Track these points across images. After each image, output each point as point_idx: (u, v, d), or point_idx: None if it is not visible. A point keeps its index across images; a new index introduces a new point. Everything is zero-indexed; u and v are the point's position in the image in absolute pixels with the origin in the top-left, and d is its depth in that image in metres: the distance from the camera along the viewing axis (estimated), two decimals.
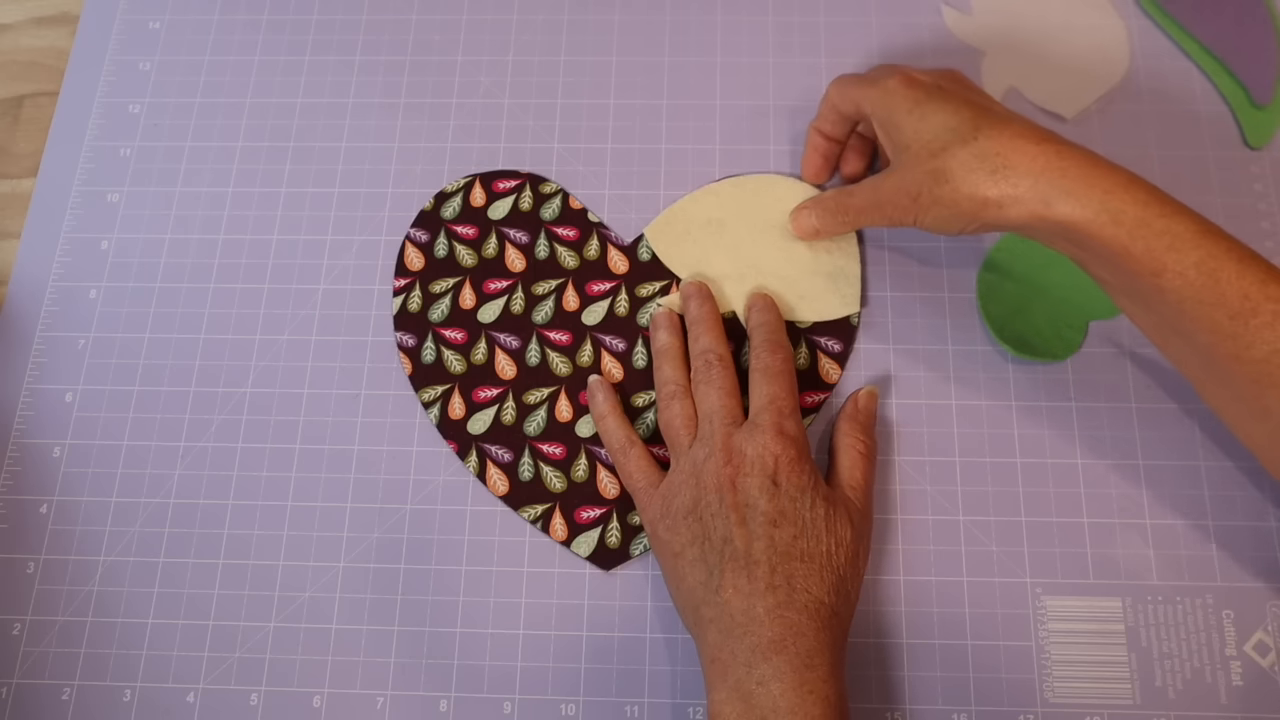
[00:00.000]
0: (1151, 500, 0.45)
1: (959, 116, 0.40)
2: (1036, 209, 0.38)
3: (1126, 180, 0.37)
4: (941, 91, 0.41)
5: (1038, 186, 0.38)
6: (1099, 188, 0.37)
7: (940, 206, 0.40)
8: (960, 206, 0.39)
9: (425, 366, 0.48)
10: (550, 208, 0.51)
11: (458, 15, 0.55)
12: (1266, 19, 0.52)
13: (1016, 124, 0.39)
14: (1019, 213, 0.38)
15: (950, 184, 0.39)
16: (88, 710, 0.44)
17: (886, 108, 0.42)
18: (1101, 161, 0.38)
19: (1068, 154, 0.38)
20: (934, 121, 0.40)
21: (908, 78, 0.42)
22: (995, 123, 0.39)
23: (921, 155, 0.40)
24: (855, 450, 0.44)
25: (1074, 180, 0.37)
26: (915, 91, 0.42)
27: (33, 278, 0.51)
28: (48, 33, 0.57)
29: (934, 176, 0.40)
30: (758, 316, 0.46)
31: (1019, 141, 0.38)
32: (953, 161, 0.39)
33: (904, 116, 0.41)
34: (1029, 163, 0.38)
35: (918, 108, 0.41)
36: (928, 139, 0.40)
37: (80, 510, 0.47)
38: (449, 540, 0.46)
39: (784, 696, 0.36)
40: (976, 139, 0.39)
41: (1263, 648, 0.43)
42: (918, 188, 0.40)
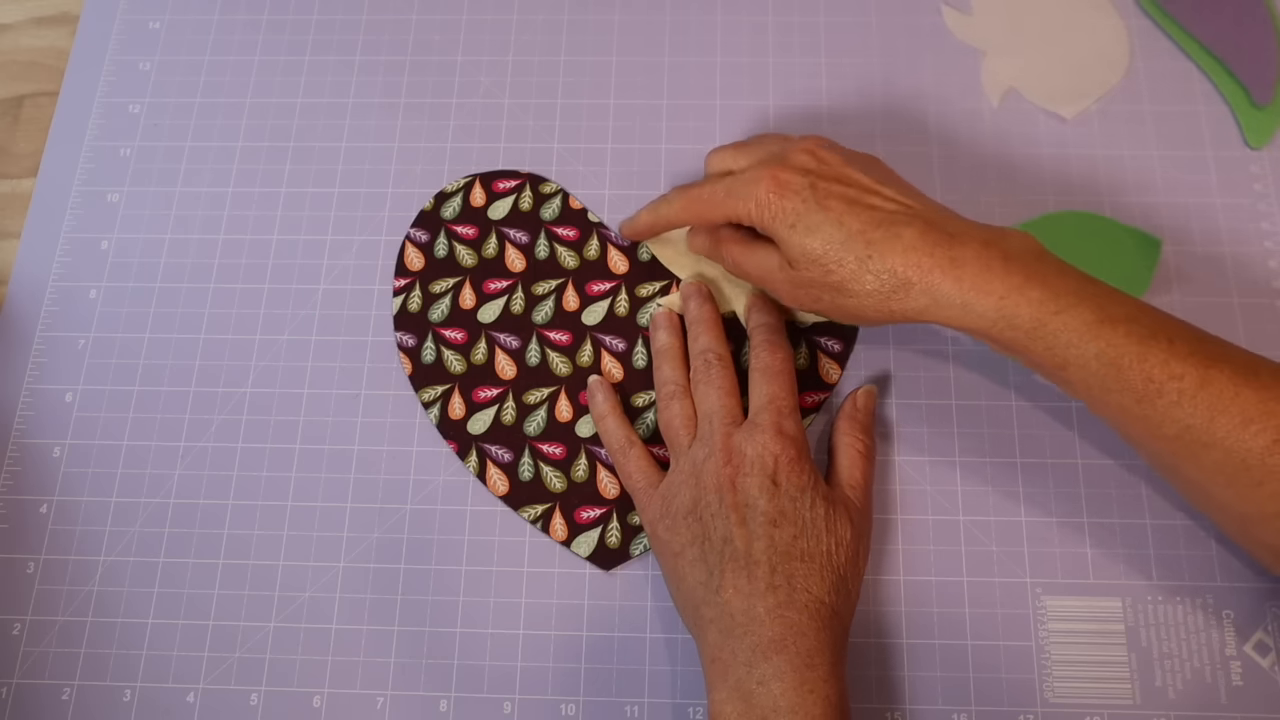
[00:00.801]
0: (1151, 500, 0.45)
1: (845, 230, 0.39)
2: (938, 318, 0.38)
3: (1022, 279, 0.37)
4: (816, 194, 0.40)
5: (935, 301, 0.38)
6: (993, 294, 0.37)
7: (844, 311, 0.41)
8: (866, 315, 0.40)
9: (425, 366, 0.48)
10: (550, 208, 0.51)
11: (458, 15, 0.55)
12: (1266, 19, 0.52)
13: (906, 231, 0.38)
14: (923, 319, 0.39)
15: (853, 298, 0.39)
16: (88, 710, 0.44)
17: (763, 221, 0.41)
18: (995, 259, 0.38)
19: (961, 259, 0.38)
20: (820, 237, 0.39)
21: (777, 183, 0.41)
22: (885, 235, 0.38)
23: (814, 270, 0.40)
24: (854, 449, 0.44)
25: (967, 290, 0.37)
26: (791, 201, 0.40)
27: (33, 278, 0.51)
28: (48, 33, 0.57)
29: (835, 290, 0.40)
30: (757, 317, 0.46)
31: (911, 255, 0.38)
32: (850, 280, 0.39)
33: (786, 232, 0.40)
34: (923, 277, 0.38)
35: (800, 222, 0.40)
36: (817, 256, 0.39)
37: (80, 510, 0.47)
38: (449, 540, 0.46)
39: (784, 696, 0.36)
40: (870, 257, 0.39)
41: (1263, 648, 0.43)
42: (818, 294, 0.41)
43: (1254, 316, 0.47)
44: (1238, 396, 0.35)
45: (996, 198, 0.50)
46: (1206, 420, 0.35)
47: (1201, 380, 0.35)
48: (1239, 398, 0.35)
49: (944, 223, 0.39)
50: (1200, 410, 0.35)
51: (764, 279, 0.43)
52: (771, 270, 0.42)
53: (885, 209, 0.40)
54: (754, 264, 0.43)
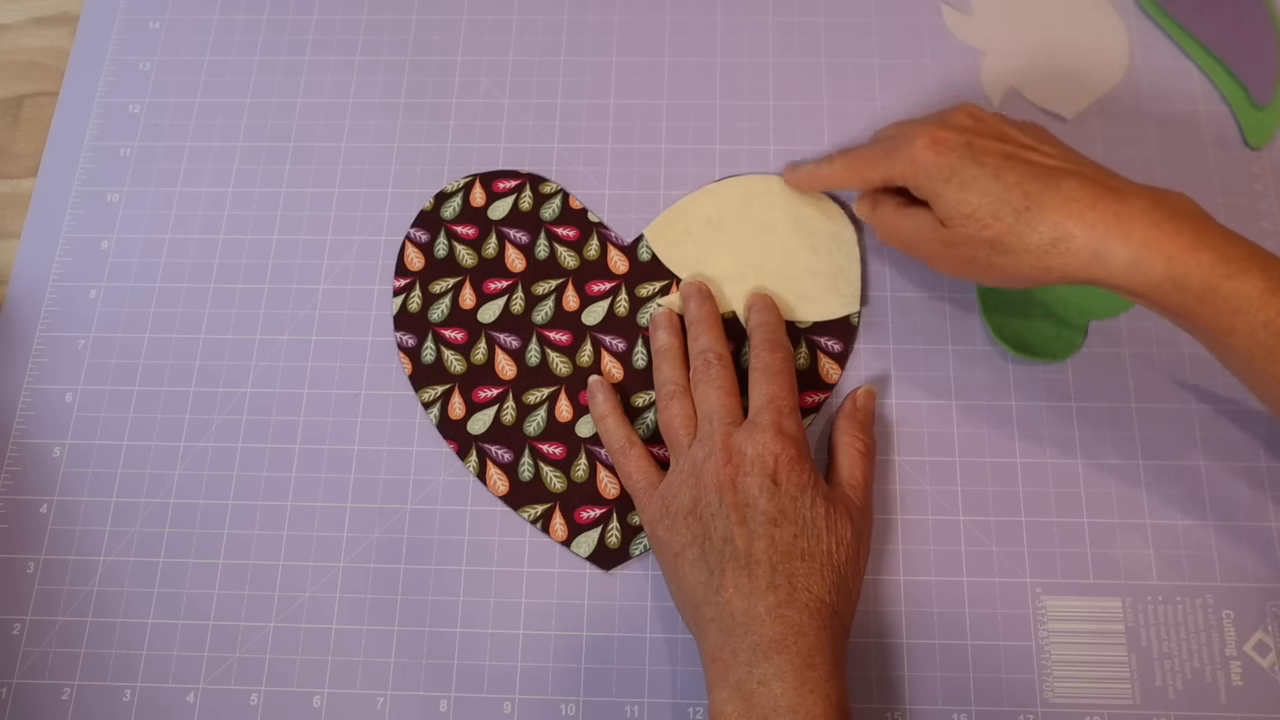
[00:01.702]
0: (1151, 500, 0.45)
1: (1002, 182, 0.38)
2: (1100, 275, 0.37)
3: (1191, 241, 0.36)
4: (973, 151, 0.39)
5: (1099, 256, 0.37)
6: (1162, 254, 0.36)
7: (999, 271, 0.40)
8: (1022, 273, 0.39)
9: (425, 366, 0.48)
10: (550, 208, 0.51)
11: (458, 15, 0.55)
12: (1266, 19, 0.52)
13: (1066, 182, 0.38)
14: (1083, 277, 0.38)
15: (1009, 254, 0.38)
16: (88, 710, 0.44)
17: (918, 179, 0.40)
18: (1163, 214, 0.37)
19: (1126, 215, 0.37)
20: (976, 190, 0.39)
21: (934, 140, 0.40)
22: (1044, 186, 0.38)
23: (970, 225, 0.39)
24: (854, 449, 0.44)
25: (1136, 247, 0.36)
26: (947, 157, 0.40)
27: (33, 278, 0.51)
28: (48, 33, 0.57)
29: (990, 246, 0.39)
30: (758, 316, 0.46)
31: (1073, 206, 0.37)
32: (1008, 234, 0.38)
33: (942, 186, 0.39)
34: (1087, 231, 0.37)
35: (955, 176, 0.39)
36: (973, 209, 0.39)
37: (80, 510, 0.47)
38: (449, 540, 0.46)
39: (785, 695, 0.36)
40: (1029, 208, 0.38)
41: (1263, 648, 0.43)
42: (973, 253, 0.40)
43: None
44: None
45: None
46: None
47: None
48: None
49: (1106, 178, 0.38)
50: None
51: (918, 242, 0.42)
52: (925, 233, 0.41)
53: (1043, 163, 0.39)
54: (908, 227, 0.42)
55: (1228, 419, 0.46)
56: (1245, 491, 0.45)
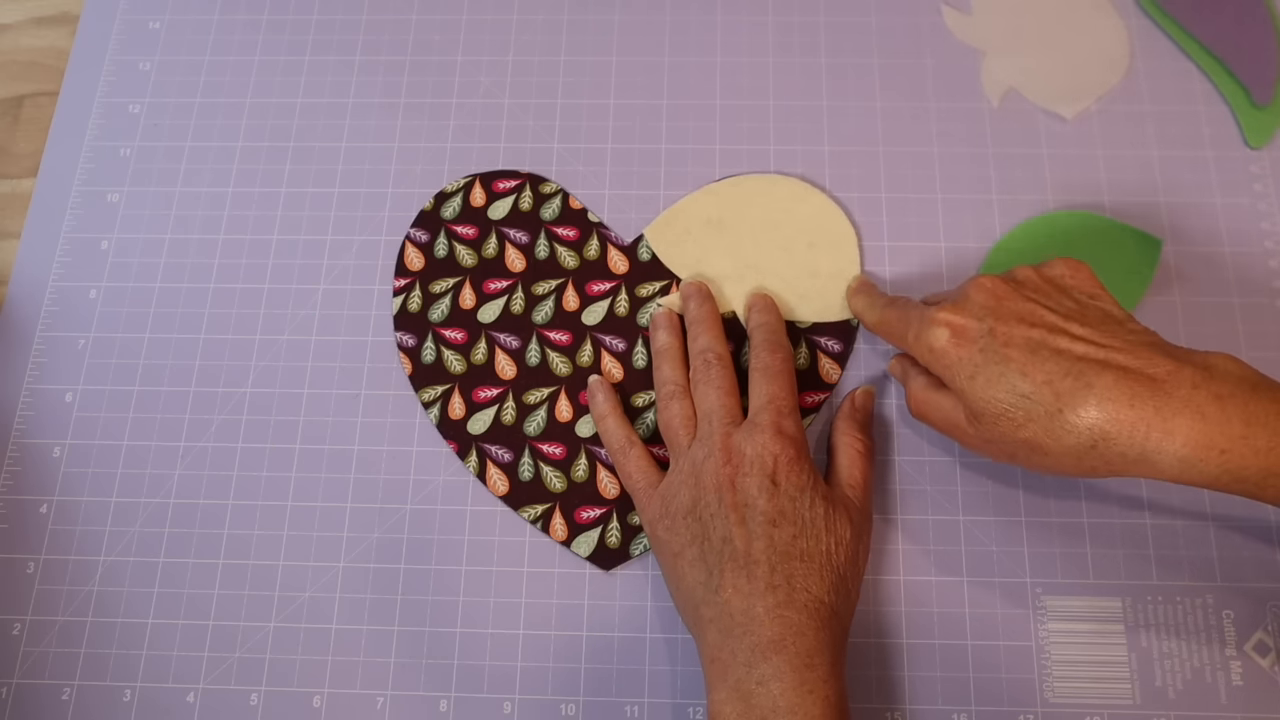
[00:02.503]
0: (1151, 500, 0.45)
1: (1030, 381, 0.36)
2: (1149, 473, 0.35)
3: (1242, 429, 0.34)
4: (995, 343, 0.37)
5: (1145, 458, 0.35)
6: (1214, 449, 0.34)
7: (1041, 468, 0.38)
8: (1065, 470, 0.37)
9: (425, 366, 0.48)
10: (550, 208, 0.51)
11: (458, 15, 0.55)
12: (1266, 19, 0.52)
13: (1099, 380, 0.35)
14: (1133, 474, 0.36)
15: (1050, 457, 0.36)
16: (88, 710, 0.44)
17: (940, 371, 0.39)
18: (1209, 406, 0.34)
19: (1169, 411, 0.34)
20: (1004, 388, 0.36)
21: (952, 330, 0.38)
22: (1076, 386, 0.35)
23: (1003, 424, 0.37)
24: (854, 449, 0.44)
25: (1184, 445, 0.34)
26: (968, 351, 0.38)
27: (33, 278, 0.51)
28: (48, 33, 0.57)
29: (1027, 447, 0.37)
30: (758, 317, 0.46)
31: (1109, 407, 0.35)
32: (1044, 437, 0.36)
33: (965, 383, 0.37)
34: (1128, 434, 0.34)
35: (979, 373, 0.37)
36: (1004, 408, 0.36)
37: (80, 510, 0.47)
38: (449, 540, 0.46)
39: (784, 696, 0.36)
40: (1061, 411, 0.35)
41: (1263, 648, 0.43)
42: (1011, 450, 0.38)
43: (1254, 316, 0.47)
44: None
45: (996, 198, 0.50)
46: None
47: None
48: None
49: (1143, 363, 0.35)
50: None
51: (950, 432, 0.40)
52: (958, 424, 0.39)
53: (1074, 352, 0.36)
54: (937, 414, 0.40)
55: None
56: None
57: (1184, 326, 0.47)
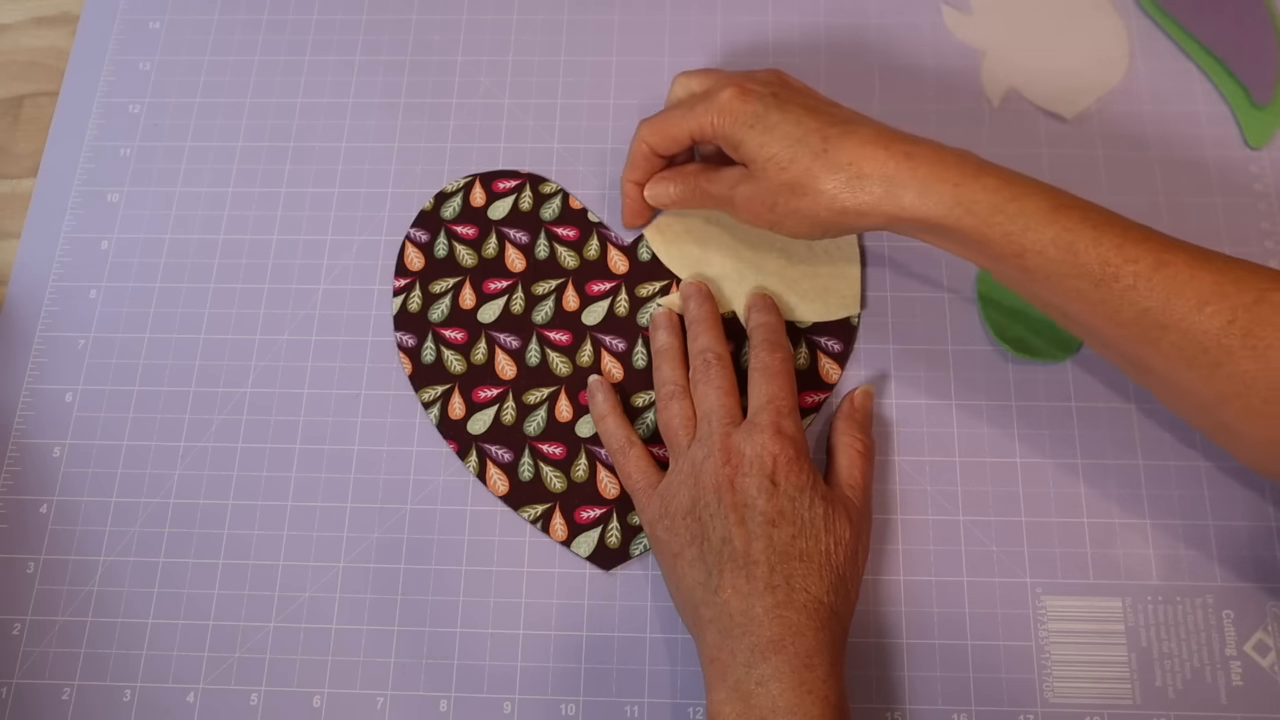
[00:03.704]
0: (1151, 500, 0.45)
1: (803, 127, 0.40)
2: (892, 210, 0.39)
3: (975, 169, 0.38)
4: (778, 100, 0.41)
5: (890, 190, 0.39)
6: (948, 182, 0.38)
7: (798, 216, 0.41)
8: (819, 216, 0.40)
9: (425, 366, 0.48)
10: (550, 208, 0.51)
11: (458, 15, 0.55)
12: (1266, 19, 0.52)
13: (861, 129, 0.40)
14: (875, 217, 0.39)
15: (807, 196, 0.40)
16: (88, 710, 0.44)
17: (725, 125, 0.42)
18: (949, 154, 0.39)
19: (916, 153, 0.39)
20: (778, 134, 0.40)
21: (739, 89, 0.42)
22: (841, 131, 0.40)
23: (770, 169, 0.41)
24: (853, 449, 0.44)
25: (924, 178, 0.38)
26: (752, 104, 0.41)
27: (33, 278, 0.51)
28: (48, 33, 0.57)
29: (789, 189, 0.40)
30: (757, 317, 0.46)
31: (867, 148, 0.39)
32: (805, 176, 0.40)
33: (745, 132, 0.41)
34: (879, 168, 0.39)
35: (759, 121, 0.41)
36: (774, 152, 0.40)
37: (80, 510, 0.47)
38: (449, 540, 0.46)
39: (783, 696, 0.36)
40: (826, 150, 0.39)
41: (1263, 648, 0.43)
42: (773, 198, 0.41)
43: None
44: (1193, 279, 0.35)
45: None
46: (1163, 302, 0.36)
47: (1156, 263, 0.36)
48: (1194, 280, 0.35)
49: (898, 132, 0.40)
50: (1156, 293, 0.36)
51: (725, 197, 0.44)
52: (732, 184, 0.43)
53: (842, 114, 0.41)
54: (717, 184, 0.44)
55: None
56: (1245, 491, 0.45)
57: None
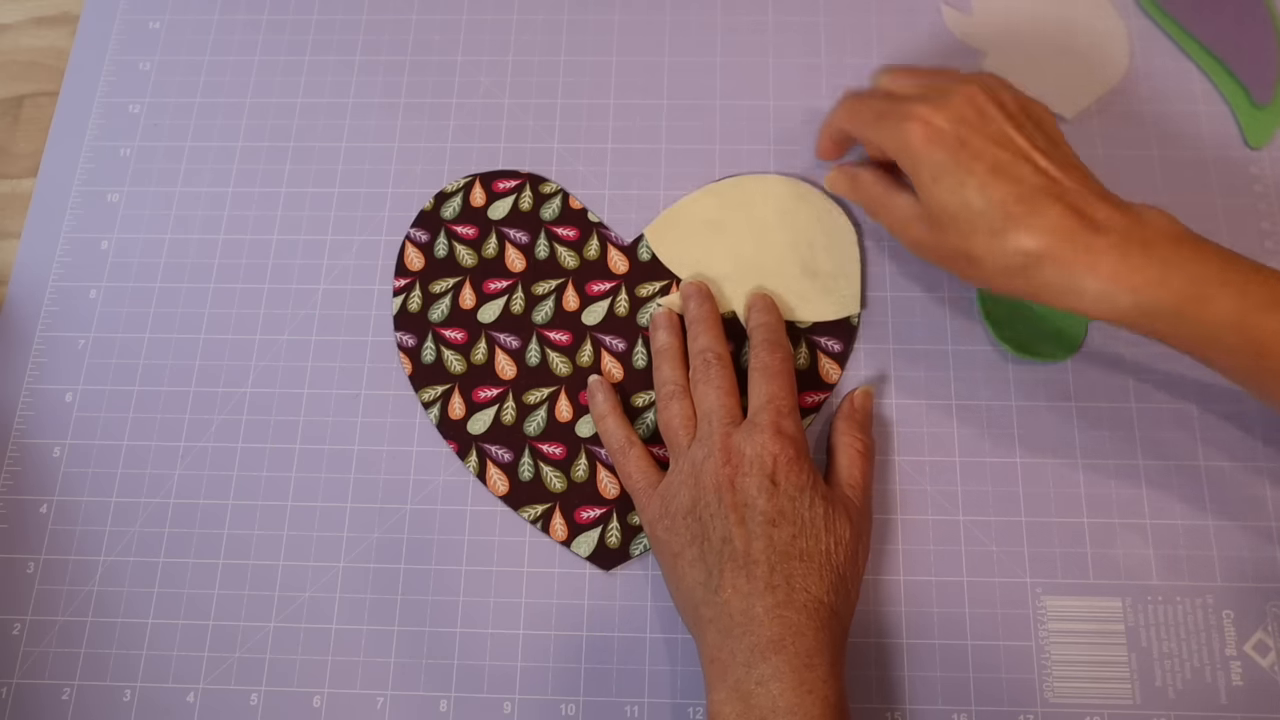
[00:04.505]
0: (1151, 500, 0.45)
1: (985, 198, 0.38)
2: (1070, 304, 0.38)
3: (1159, 274, 0.36)
4: (965, 153, 0.39)
5: (1070, 287, 0.37)
6: (1129, 287, 0.36)
7: (970, 277, 0.40)
8: (994, 285, 0.40)
9: (425, 366, 0.48)
10: (550, 208, 0.51)
11: (458, 15, 0.55)
12: (1266, 19, 0.52)
13: (1048, 211, 0.37)
14: (1054, 300, 0.38)
15: (981, 269, 0.39)
16: (88, 710, 0.44)
17: (907, 162, 0.40)
18: (1134, 251, 0.37)
19: (1098, 249, 0.37)
20: (958, 199, 0.39)
21: (927, 130, 0.39)
22: (1026, 212, 0.37)
23: (949, 230, 0.39)
24: (853, 449, 0.44)
25: (1104, 281, 0.37)
26: (937, 154, 0.39)
27: (33, 278, 0.51)
28: (48, 33, 0.57)
29: (963, 257, 0.39)
30: (757, 317, 0.46)
31: (1048, 239, 0.37)
32: (982, 251, 0.38)
33: (929, 183, 0.39)
34: (1057, 264, 0.37)
35: (943, 176, 0.39)
36: (954, 214, 0.39)
37: (80, 510, 0.47)
38: (449, 540, 0.46)
39: (783, 696, 0.36)
40: (1005, 231, 0.38)
41: (1263, 648, 0.43)
42: (941, 254, 0.40)
43: None
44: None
45: None
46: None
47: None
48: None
49: (1087, 205, 0.38)
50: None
51: (897, 228, 0.43)
52: (907, 220, 0.42)
53: (1030, 182, 0.38)
54: (890, 211, 0.43)
55: (1228, 419, 0.46)
56: (1245, 491, 0.45)
57: None
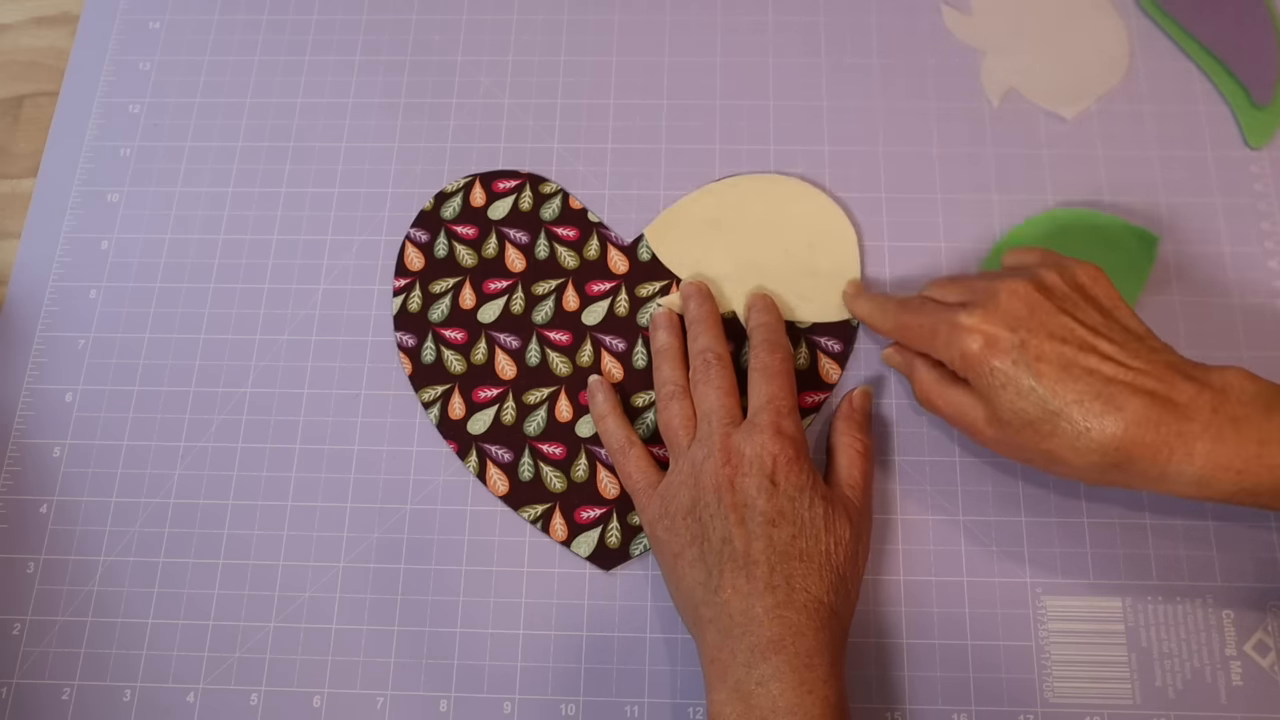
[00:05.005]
0: (1151, 500, 0.45)
1: (1061, 401, 0.37)
2: (1169, 490, 0.37)
3: (1256, 449, 0.35)
4: (1027, 356, 0.37)
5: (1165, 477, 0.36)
6: (1231, 470, 0.36)
7: (1057, 474, 0.40)
8: (1081, 479, 0.39)
9: (425, 366, 0.48)
10: (550, 208, 0.51)
11: (458, 15, 0.55)
12: (1266, 19, 0.52)
13: (1128, 404, 0.36)
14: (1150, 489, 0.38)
15: (1067, 467, 0.38)
16: (88, 710, 0.44)
17: (968, 375, 0.39)
18: (1226, 431, 0.36)
19: (1190, 435, 0.36)
20: (1033, 402, 0.37)
21: (985, 339, 0.38)
22: (1105, 408, 0.36)
23: (1027, 434, 0.38)
24: (853, 449, 0.44)
25: (1202, 466, 0.36)
26: (1000, 363, 0.38)
27: (33, 278, 0.51)
28: (48, 33, 0.57)
29: (1048, 458, 0.38)
30: (757, 317, 0.46)
31: (1134, 431, 0.36)
32: (1067, 452, 0.37)
33: (997, 392, 0.38)
34: (1150, 456, 0.36)
35: (1010, 384, 0.38)
36: (1030, 420, 0.38)
37: (80, 510, 0.47)
38: (449, 540, 0.46)
39: (783, 696, 0.36)
40: (1089, 431, 0.36)
41: (1263, 648, 0.43)
42: (1029, 456, 0.39)
43: (1254, 316, 0.47)
44: None
45: (996, 198, 0.50)
46: None
47: None
48: None
49: (1167, 388, 0.36)
50: None
51: (964, 428, 0.41)
52: (976, 422, 0.40)
53: (1103, 372, 0.37)
54: (953, 411, 0.41)
55: None
56: None
57: (1184, 326, 0.47)
